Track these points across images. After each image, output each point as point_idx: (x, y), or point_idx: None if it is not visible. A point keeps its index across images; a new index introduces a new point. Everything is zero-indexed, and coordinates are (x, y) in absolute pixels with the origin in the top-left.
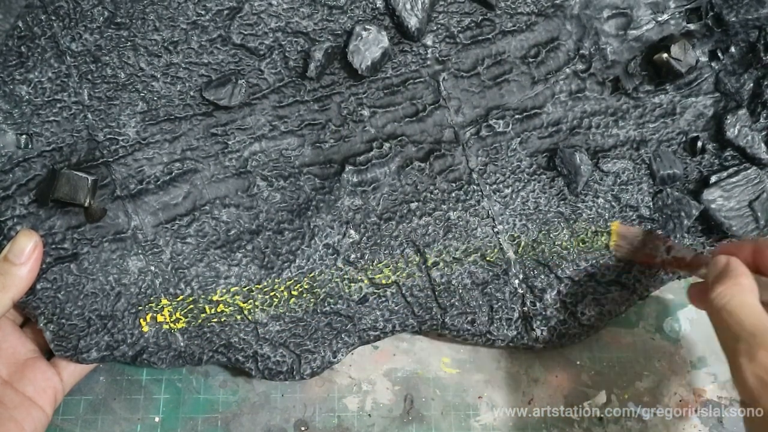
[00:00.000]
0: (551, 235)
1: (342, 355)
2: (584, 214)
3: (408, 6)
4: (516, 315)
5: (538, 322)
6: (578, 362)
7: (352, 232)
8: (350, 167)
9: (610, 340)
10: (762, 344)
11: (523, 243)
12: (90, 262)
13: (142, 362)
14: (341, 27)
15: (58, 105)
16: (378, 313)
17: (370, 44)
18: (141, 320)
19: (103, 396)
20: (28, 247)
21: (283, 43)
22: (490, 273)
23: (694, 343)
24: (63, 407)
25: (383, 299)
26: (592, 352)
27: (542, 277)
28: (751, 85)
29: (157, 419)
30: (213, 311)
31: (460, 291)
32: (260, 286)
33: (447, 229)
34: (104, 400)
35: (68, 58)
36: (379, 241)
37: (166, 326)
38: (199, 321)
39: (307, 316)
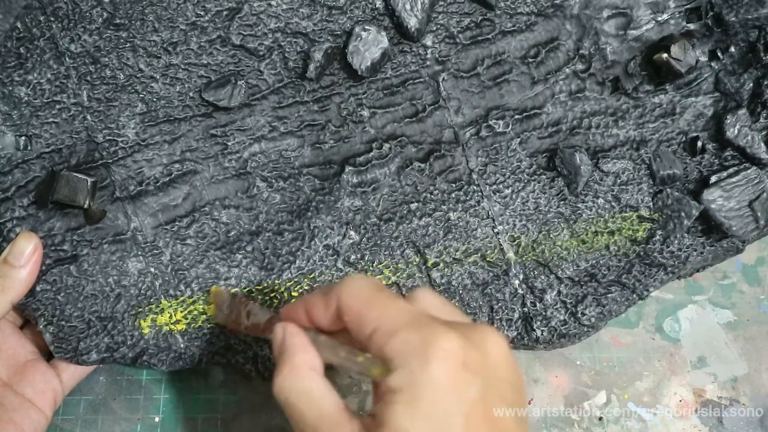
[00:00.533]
0: (551, 236)
1: None
2: (584, 215)
3: (407, 6)
4: (516, 315)
5: (539, 323)
6: (578, 362)
7: (352, 233)
8: (350, 168)
9: (610, 340)
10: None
11: (523, 243)
12: (90, 264)
13: (142, 364)
14: (341, 27)
15: (57, 106)
16: None
17: (370, 45)
18: (141, 322)
19: (103, 396)
20: (27, 250)
21: (282, 43)
22: (490, 274)
23: (694, 343)
24: (63, 407)
25: None
26: (592, 352)
27: (542, 277)
28: (751, 84)
29: (157, 419)
30: (213, 312)
31: (461, 292)
32: (260, 288)
33: (447, 230)
34: (104, 400)
35: (67, 59)
36: (379, 242)
37: (166, 328)
38: (199, 322)
39: None
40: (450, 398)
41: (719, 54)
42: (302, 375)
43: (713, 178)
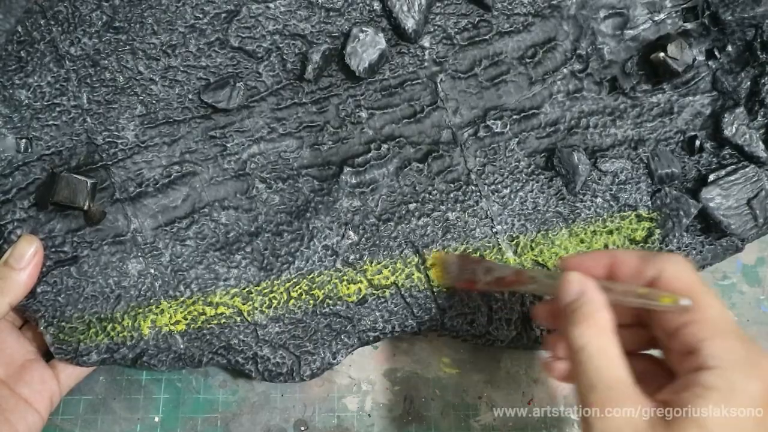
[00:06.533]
0: (550, 235)
1: (341, 356)
2: (583, 214)
3: (405, 8)
4: (515, 315)
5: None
6: None
7: (350, 233)
8: (349, 169)
9: None
10: (616, 400)
11: (521, 243)
12: (90, 265)
13: (142, 365)
14: (338, 29)
15: (58, 109)
16: (377, 314)
17: (368, 46)
18: (141, 323)
19: (103, 396)
20: (28, 253)
21: (280, 45)
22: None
23: None
24: (63, 407)
25: (382, 300)
26: None
27: None
28: (748, 83)
29: (156, 419)
30: (212, 313)
31: (460, 291)
32: (259, 288)
33: (446, 230)
34: (104, 400)
35: (67, 62)
36: (377, 242)
37: (165, 328)
38: (199, 323)
39: (307, 317)
40: (762, 418)
41: (716, 53)
42: (605, 333)
43: (711, 177)
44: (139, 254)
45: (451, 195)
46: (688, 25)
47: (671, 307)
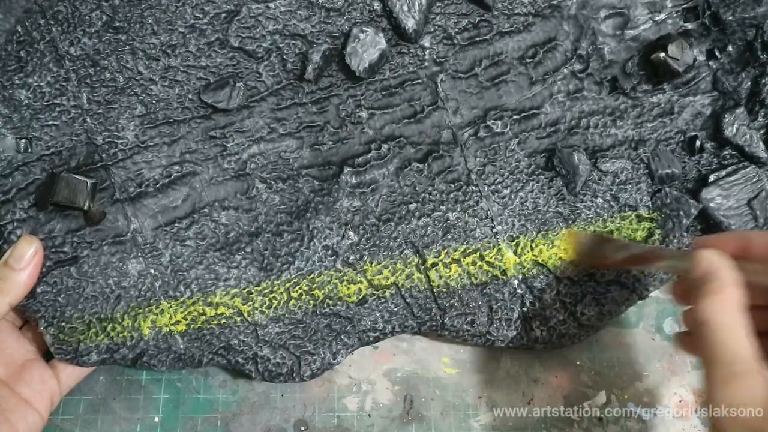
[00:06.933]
0: (550, 235)
1: (342, 356)
2: (583, 214)
3: (405, 8)
4: (515, 315)
5: (538, 323)
6: (578, 362)
7: (350, 233)
8: (349, 169)
9: (610, 340)
10: (738, 375)
11: (522, 243)
12: (90, 265)
13: (142, 365)
14: (339, 29)
15: (57, 109)
16: (377, 314)
17: (368, 46)
18: (141, 323)
19: (103, 396)
20: (28, 253)
21: (280, 45)
22: (489, 274)
23: None
24: (63, 407)
25: (382, 300)
26: (592, 352)
27: (541, 277)
28: (749, 83)
29: (156, 419)
30: (212, 313)
31: (459, 292)
32: (259, 288)
33: (446, 230)
34: (104, 400)
35: (67, 62)
36: (377, 242)
37: (165, 329)
38: (199, 323)
39: (307, 317)
40: None
41: (717, 53)
42: (732, 309)
43: (712, 177)
44: (139, 254)
45: (452, 195)
46: (689, 25)
47: None
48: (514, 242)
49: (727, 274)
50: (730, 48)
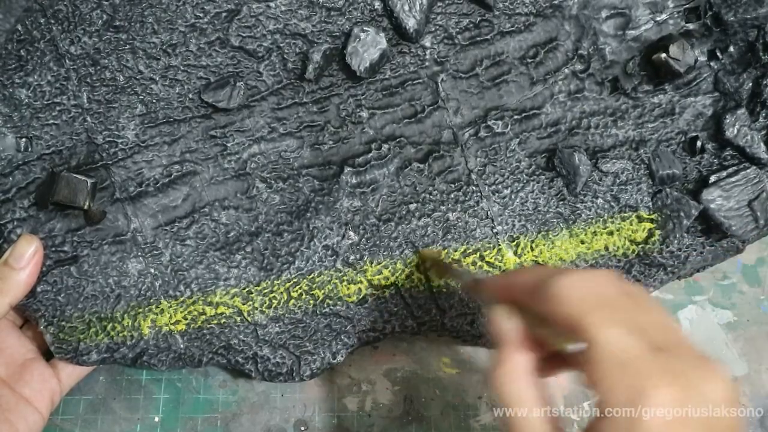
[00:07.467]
0: (550, 236)
1: (341, 356)
2: (583, 215)
3: (406, 7)
4: None
5: None
6: None
7: (351, 233)
8: (349, 169)
9: None
10: None
11: (522, 244)
12: (90, 265)
13: (142, 364)
14: (339, 29)
15: (58, 108)
16: (377, 314)
17: (369, 46)
18: (141, 322)
19: (103, 396)
20: (28, 252)
21: (281, 45)
22: (490, 274)
23: (694, 343)
24: (63, 407)
25: (382, 300)
26: None
27: None
28: (750, 84)
29: (156, 419)
30: (212, 313)
31: (459, 292)
32: (259, 288)
33: (446, 230)
34: (104, 400)
35: (67, 61)
36: (378, 242)
37: (165, 328)
38: (199, 323)
39: (307, 317)
40: None
41: (718, 54)
42: (519, 379)
43: (713, 178)
44: (139, 254)
45: (452, 195)
46: (690, 26)
47: (567, 350)
48: (515, 242)
49: (512, 338)
50: (731, 49)
